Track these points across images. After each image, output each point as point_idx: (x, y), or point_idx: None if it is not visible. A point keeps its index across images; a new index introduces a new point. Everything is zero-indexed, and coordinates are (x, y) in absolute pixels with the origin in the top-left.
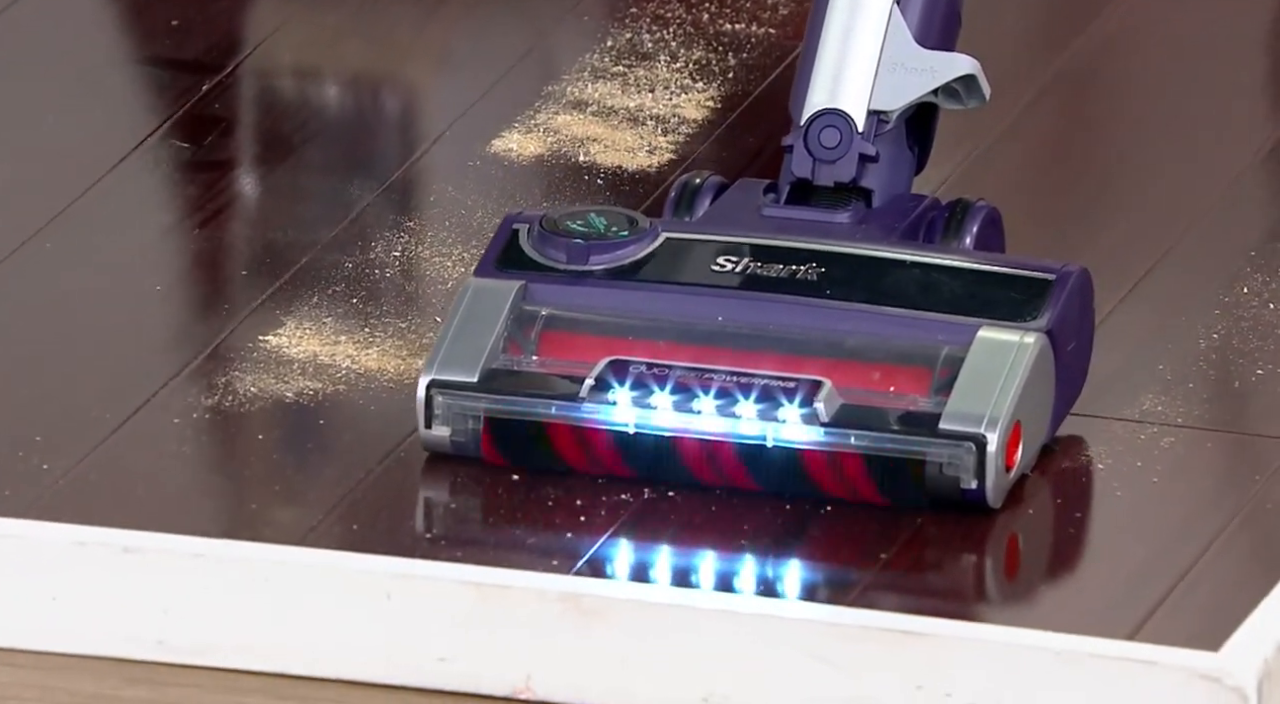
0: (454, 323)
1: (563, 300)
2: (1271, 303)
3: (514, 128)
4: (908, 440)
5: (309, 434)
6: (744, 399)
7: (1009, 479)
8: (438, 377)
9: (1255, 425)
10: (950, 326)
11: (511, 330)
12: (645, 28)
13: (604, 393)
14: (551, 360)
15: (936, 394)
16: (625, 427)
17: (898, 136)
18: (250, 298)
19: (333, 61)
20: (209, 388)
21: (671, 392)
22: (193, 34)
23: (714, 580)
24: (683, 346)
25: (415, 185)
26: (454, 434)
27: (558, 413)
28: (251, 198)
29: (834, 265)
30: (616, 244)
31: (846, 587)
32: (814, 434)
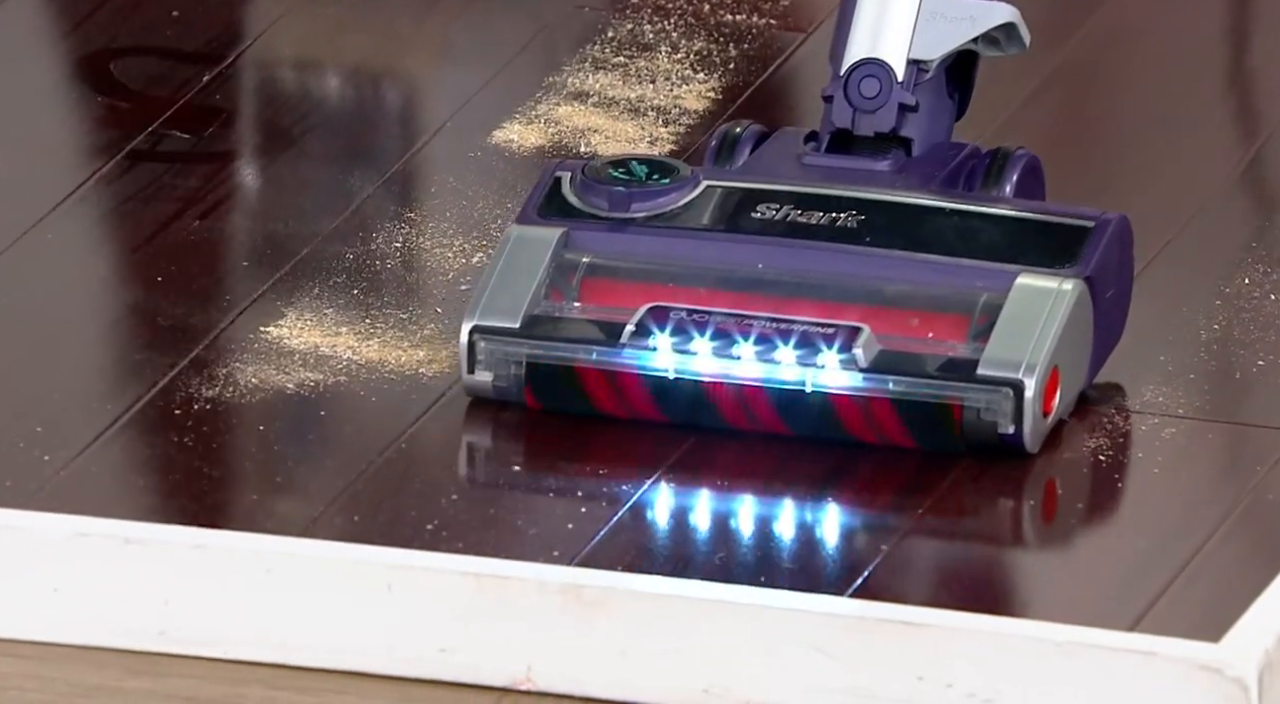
0: (496, 269)
1: (604, 247)
2: (1272, 294)
3: (515, 119)
4: (945, 386)
5: (310, 425)
6: (783, 345)
7: (1046, 425)
8: (480, 322)
9: (1256, 416)
10: (988, 273)
11: (554, 277)
12: (646, 19)
13: (644, 338)
14: (593, 307)
15: (975, 340)
16: (665, 372)
17: (937, 85)
18: (251, 289)
19: (333, 53)
20: (210, 379)
21: (711, 337)
22: (193, 25)
23: (753, 526)
24: (723, 293)
25: (416, 176)
26: (496, 379)
27: (598, 359)
28: (252, 189)
29: (873, 212)
30: (658, 191)
31: (886, 531)
32: (853, 380)
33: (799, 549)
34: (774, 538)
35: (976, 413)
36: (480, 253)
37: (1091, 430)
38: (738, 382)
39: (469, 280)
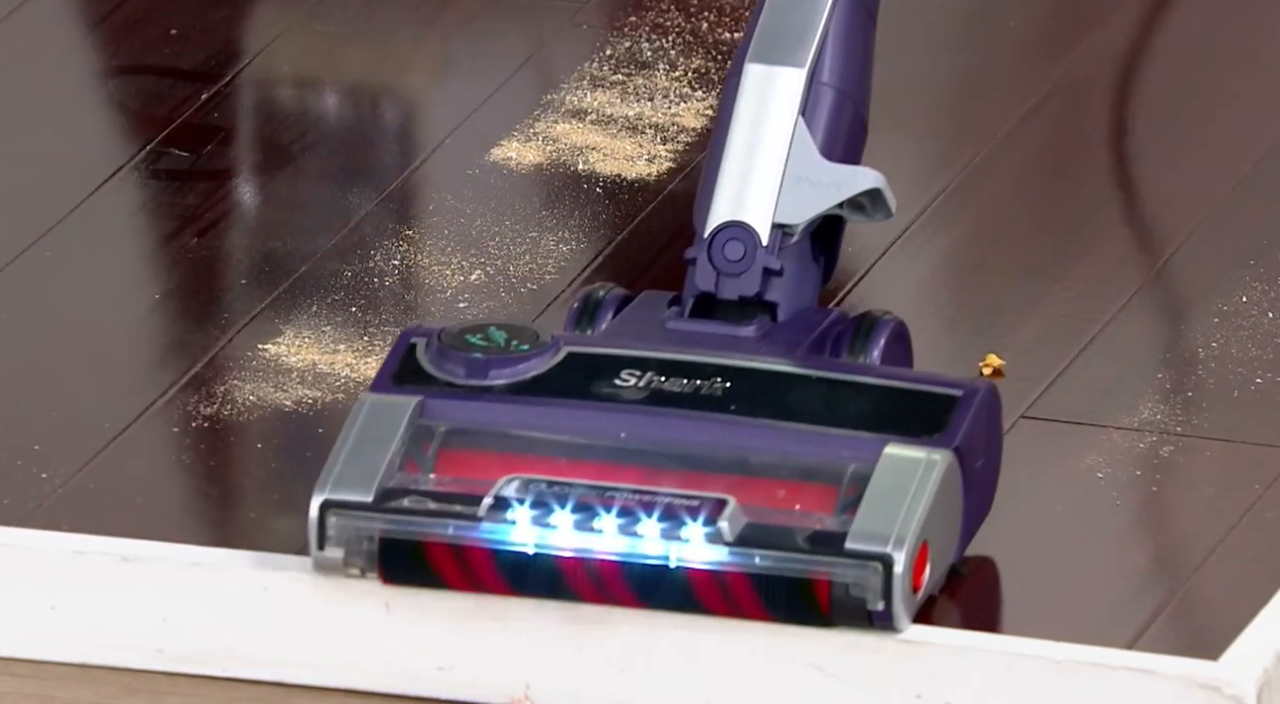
0: (349, 440)
1: (461, 416)
2: (1270, 312)
3: (513, 136)
4: (813, 561)
5: (308, 442)
6: (647, 517)
7: (916, 601)
8: (330, 496)
9: (1254, 434)
10: (856, 443)
11: (409, 447)
12: (644, 37)
13: (503, 512)
14: (449, 478)
15: (843, 512)
16: (524, 547)
17: (803, 250)
18: (249, 307)
19: (331, 71)
20: (208, 397)
21: (573, 510)
22: (192, 43)
23: None
24: (584, 464)
25: (414, 194)
26: (348, 556)
27: (455, 533)
28: (250, 207)
29: (739, 380)
30: (517, 358)
31: None
32: (718, 554)
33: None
34: None
35: (845, 589)
36: (478, 270)
37: (1090, 447)
38: (595, 557)
39: (467, 298)
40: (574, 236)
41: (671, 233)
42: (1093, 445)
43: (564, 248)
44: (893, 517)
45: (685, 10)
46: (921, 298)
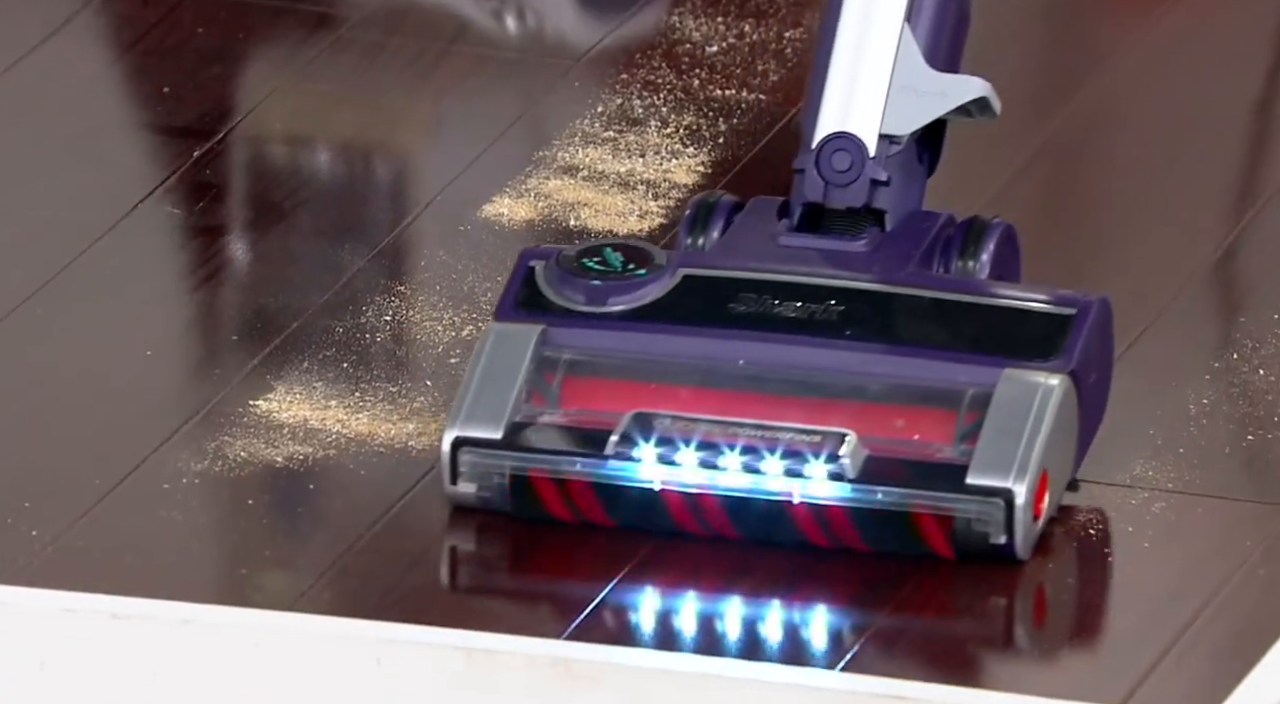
0: (477, 373)
1: (583, 344)
2: (1261, 368)
3: (505, 193)
4: (935, 497)
5: (299, 499)
6: (769, 455)
7: (1037, 529)
8: (462, 433)
9: (1246, 491)
10: (974, 367)
11: (533, 378)
12: (636, 93)
13: (629, 449)
14: (575, 411)
15: (962, 442)
16: (650, 484)
17: (908, 155)
18: (241, 362)
19: (324, 128)
20: (199, 453)
21: (697, 448)
22: (185, 101)
23: (741, 628)
24: (705, 391)
25: (406, 250)
26: (480, 490)
27: (582, 470)
28: (243, 263)
29: (853, 303)
30: (635, 284)
31: (860, 630)
32: (840, 490)
33: (787, 633)
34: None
35: (968, 524)
36: (470, 326)
37: (1082, 503)
38: (717, 494)
39: (459, 353)
40: None
41: None
42: (1085, 502)
43: None
44: (1012, 448)
45: (676, 68)
46: None
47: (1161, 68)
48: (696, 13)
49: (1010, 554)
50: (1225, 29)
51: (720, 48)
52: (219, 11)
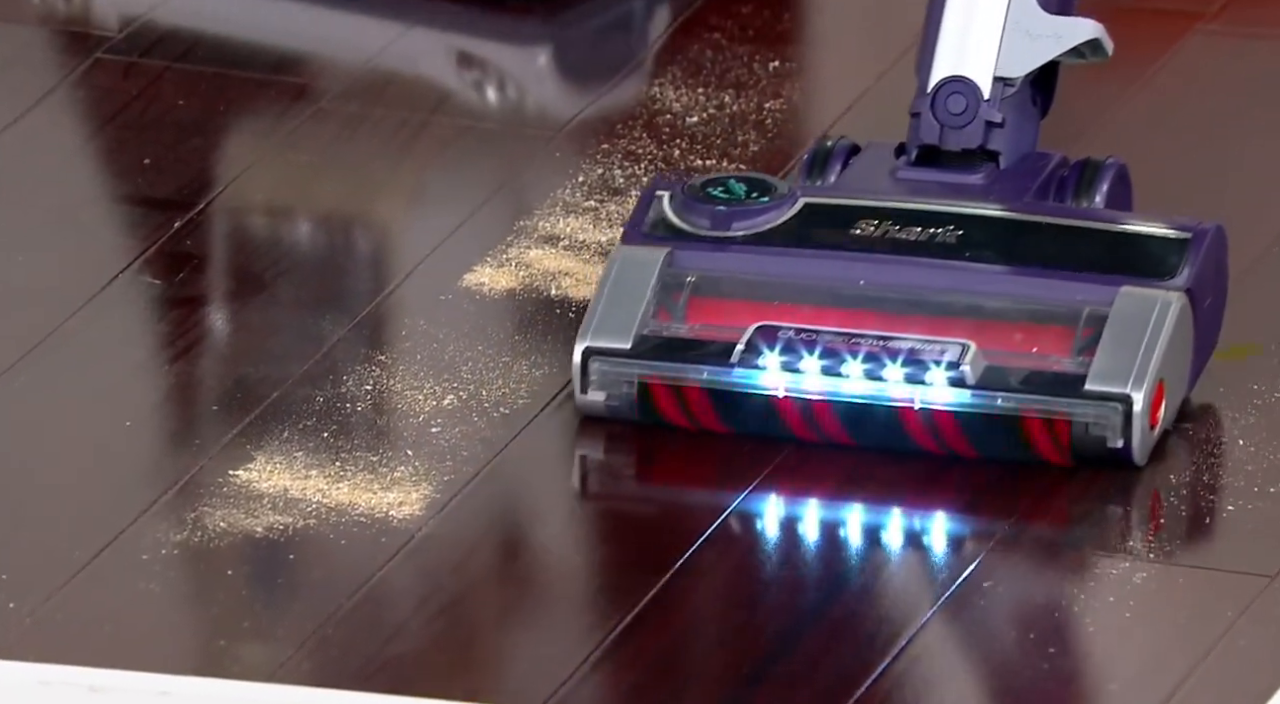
0: (606, 290)
1: (708, 266)
2: (1241, 439)
3: (486, 262)
4: (1054, 401)
5: (278, 569)
6: (891, 363)
7: (1153, 436)
8: (592, 344)
9: (1227, 561)
10: (1091, 286)
11: (660, 297)
12: (617, 163)
13: (754, 357)
14: (700, 326)
15: (1079, 354)
16: (775, 391)
17: (1022, 97)
18: (221, 433)
19: (305, 198)
20: (178, 523)
21: (820, 356)
22: (165, 172)
23: (862, 536)
24: (827, 310)
25: (387, 320)
26: (609, 398)
27: (709, 377)
28: (223, 333)
29: (971, 227)
30: (758, 210)
31: (987, 537)
32: (960, 397)
33: (909, 541)
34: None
35: (1085, 428)
36: (451, 395)
37: (1063, 573)
38: (843, 401)
39: (440, 423)
40: (547, 361)
41: None
42: (1066, 572)
43: (537, 372)
44: (1130, 357)
45: (657, 138)
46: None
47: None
48: (677, 84)
49: (1127, 459)
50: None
51: (701, 118)
52: (199, 84)
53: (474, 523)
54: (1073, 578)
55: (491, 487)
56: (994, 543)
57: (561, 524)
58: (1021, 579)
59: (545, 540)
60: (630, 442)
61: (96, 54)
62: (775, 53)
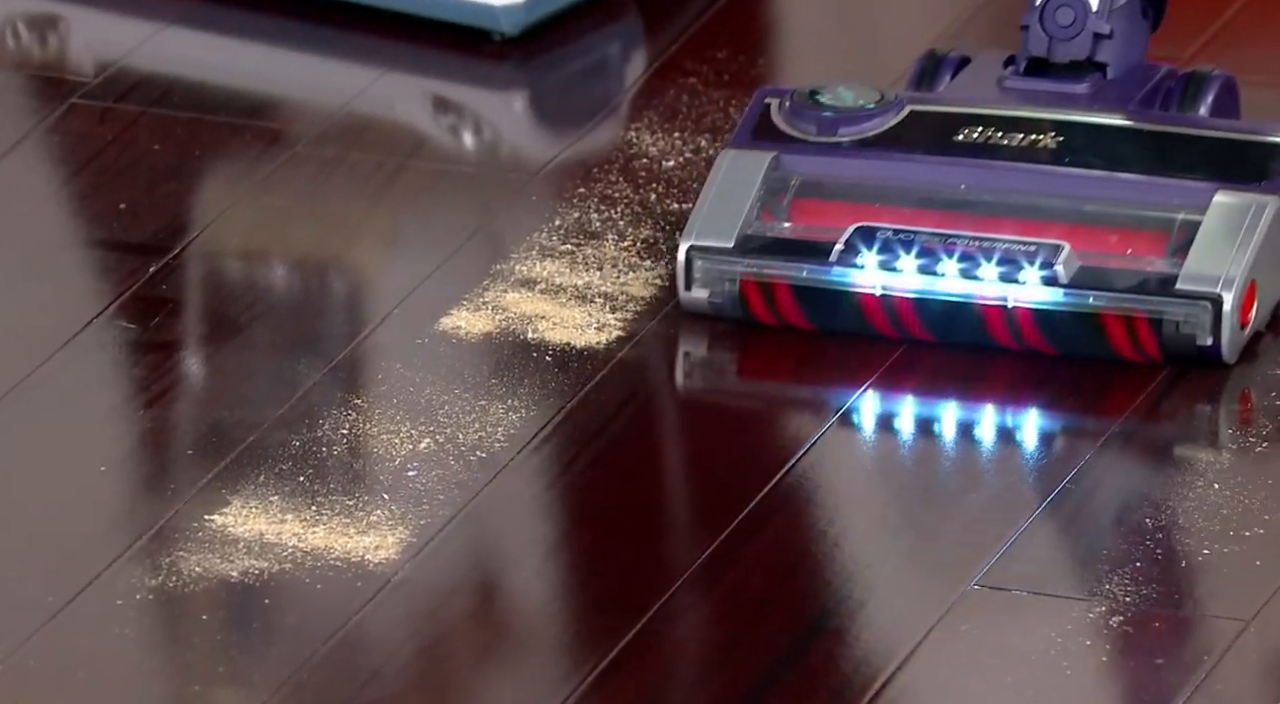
0: (712, 191)
1: (812, 169)
2: (1216, 483)
3: (462, 306)
4: (1146, 300)
5: (254, 614)
6: (986, 262)
7: (1244, 336)
8: (696, 242)
9: (1203, 605)
10: (1186, 190)
11: (764, 198)
12: (593, 207)
13: (853, 256)
14: (803, 226)
15: (1173, 256)
16: (872, 289)
17: (1131, 8)
18: (196, 477)
19: (280, 243)
20: (153, 568)
21: (917, 255)
22: (140, 217)
23: (958, 433)
24: (927, 213)
25: (363, 363)
26: (712, 295)
27: (809, 275)
28: (198, 378)
29: (1073, 134)
30: (864, 116)
31: (1083, 434)
32: (1054, 295)
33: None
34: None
35: (1176, 326)
36: (428, 439)
37: (1040, 617)
38: (939, 299)
39: (416, 466)
40: (523, 405)
41: (621, 400)
42: (1043, 615)
43: (513, 416)
44: (1222, 258)
45: (633, 182)
46: (869, 469)
47: None
48: (653, 128)
49: (1216, 357)
50: None
51: (676, 162)
52: (175, 128)
53: (450, 567)
54: (1164, 474)
55: (468, 530)
56: (1091, 440)
57: (536, 568)
58: (1118, 476)
59: (522, 584)
60: (732, 339)
61: (72, 99)
62: (750, 97)
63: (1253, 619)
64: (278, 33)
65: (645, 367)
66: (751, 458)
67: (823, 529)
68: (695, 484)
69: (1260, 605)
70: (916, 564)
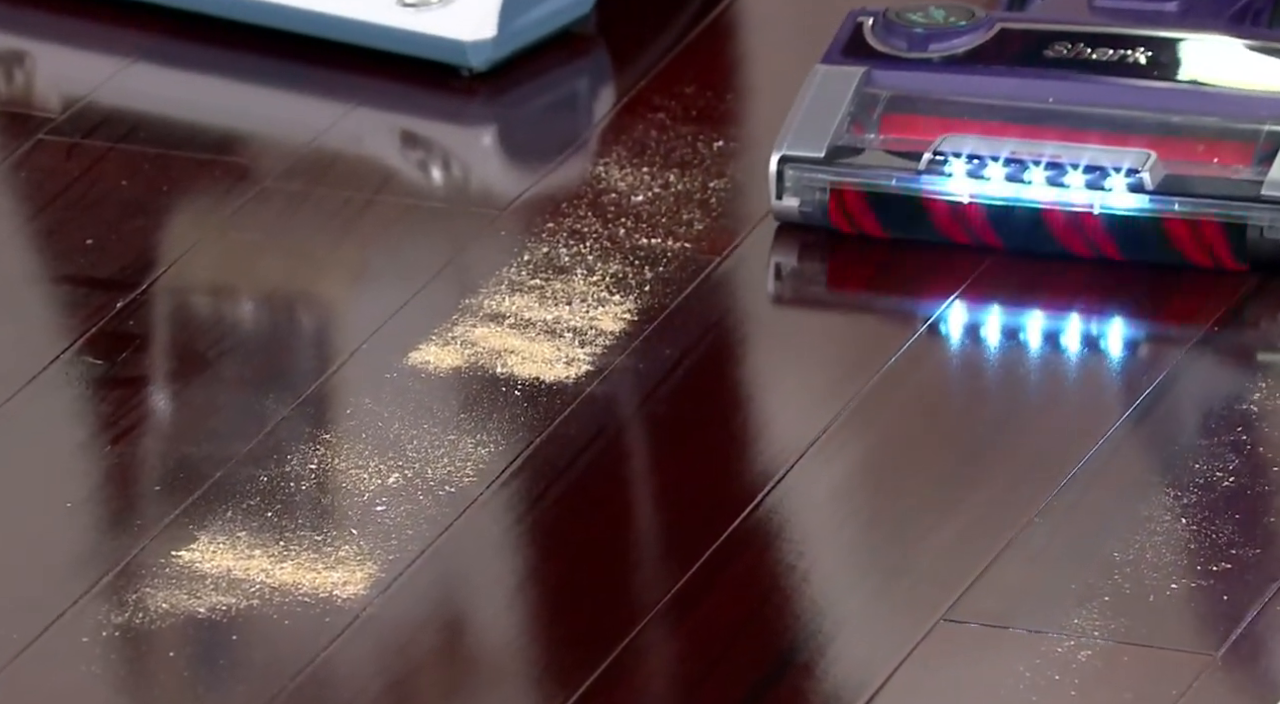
0: (803, 104)
1: (903, 84)
2: (1183, 517)
3: (431, 340)
4: (1231, 205)
5: (221, 650)
6: (1073, 170)
7: None
8: (788, 152)
9: (1172, 640)
10: (1273, 103)
11: (855, 111)
12: (562, 242)
13: (941, 165)
14: (893, 138)
15: (1259, 165)
16: (959, 197)
17: None
18: (163, 513)
19: (248, 278)
20: (120, 605)
21: (1004, 163)
22: (108, 252)
23: (1042, 341)
24: (1015, 126)
25: (331, 398)
26: (802, 205)
27: (897, 184)
28: (165, 413)
29: (1162, 50)
30: (954, 33)
31: (1169, 342)
32: (1139, 201)
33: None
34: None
35: (1260, 231)
36: (396, 473)
37: (1007, 651)
38: (1028, 206)
39: (384, 501)
40: (492, 439)
41: (590, 435)
42: (1010, 649)
43: (482, 450)
44: None
45: (602, 216)
46: (836, 502)
47: None
48: (622, 163)
49: None
50: None
51: (646, 197)
52: (142, 164)
53: (419, 602)
54: (1251, 377)
55: (437, 565)
56: (1176, 346)
57: (505, 603)
58: (1204, 381)
59: (491, 619)
60: (821, 249)
61: (39, 135)
62: (719, 132)
63: (1220, 654)
64: (245, 68)
65: (614, 401)
66: (721, 490)
67: (791, 563)
68: (664, 518)
69: (1223, 642)
70: (887, 598)
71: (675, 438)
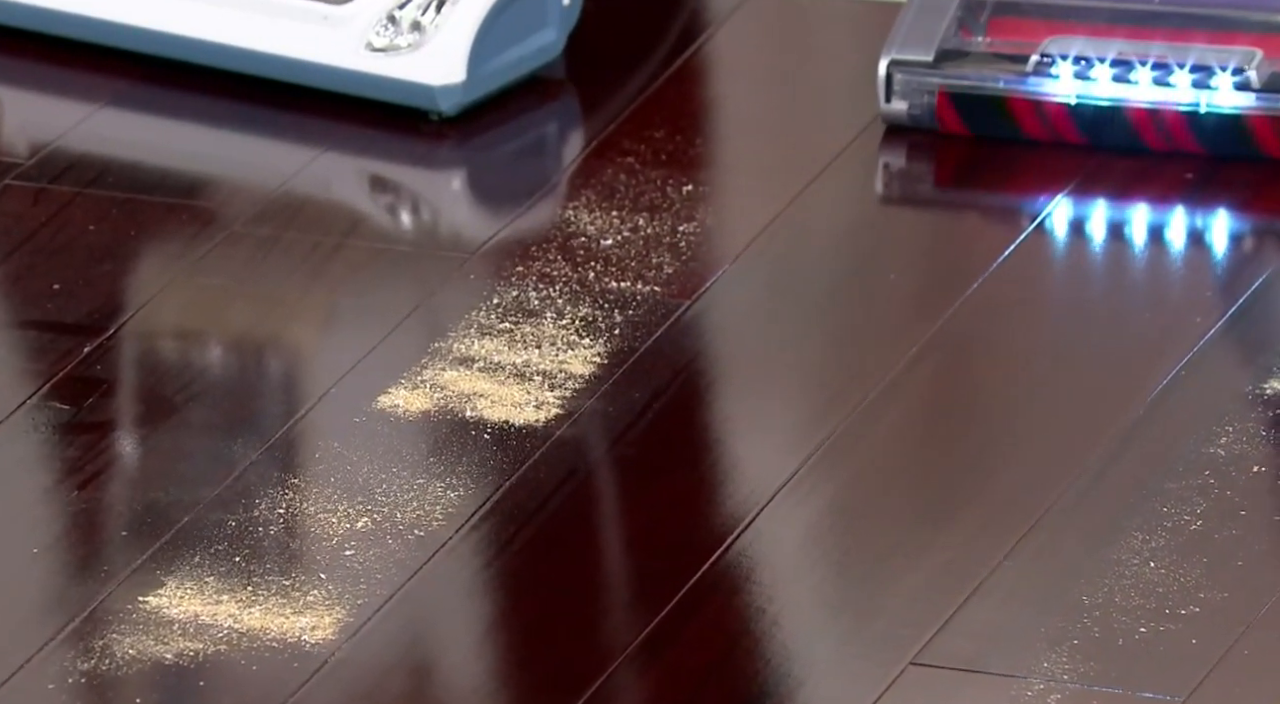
0: (910, 11)
1: None
2: (1151, 561)
3: (400, 384)
4: None
5: (189, 696)
6: (1179, 69)
7: None
8: (897, 56)
9: (1140, 683)
10: None
11: (962, 16)
12: (531, 286)
13: (1048, 67)
14: (1000, 41)
15: None
16: (1068, 98)
17: None
18: (130, 558)
19: (216, 322)
20: (86, 651)
21: (1111, 65)
22: (75, 297)
23: (1145, 234)
24: (1120, 27)
25: (300, 442)
26: (911, 107)
27: (1005, 86)
28: (133, 458)
29: None
30: None
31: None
32: (1246, 99)
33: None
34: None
35: None
36: (365, 517)
37: (978, 695)
38: (1131, 106)
39: (353, 546)
40: (462, 483)
41: (560, 479)
42: (981, 693)
43: (452, 494)
44: None
45: (572, 260)
46: (808, 544)
47: (1045, 260)
48: (591, 207)
49: None
50: None
51: (615, 241)
52: (110, 209)
53: (388, 647)
54: None
55: (406, 610)
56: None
57: (474, 647)
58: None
59: (460, 663)
60: (930, 150)
61: (6, 180)
62: (688, 176)
63: (1188, 697)
64: (214, 113)
65: (584, 444)
66: (691, 533)
67: (762, 607)
68: (634, 562)
69: (1195, 684)
70: (857, 641)
71: (645, 481)
